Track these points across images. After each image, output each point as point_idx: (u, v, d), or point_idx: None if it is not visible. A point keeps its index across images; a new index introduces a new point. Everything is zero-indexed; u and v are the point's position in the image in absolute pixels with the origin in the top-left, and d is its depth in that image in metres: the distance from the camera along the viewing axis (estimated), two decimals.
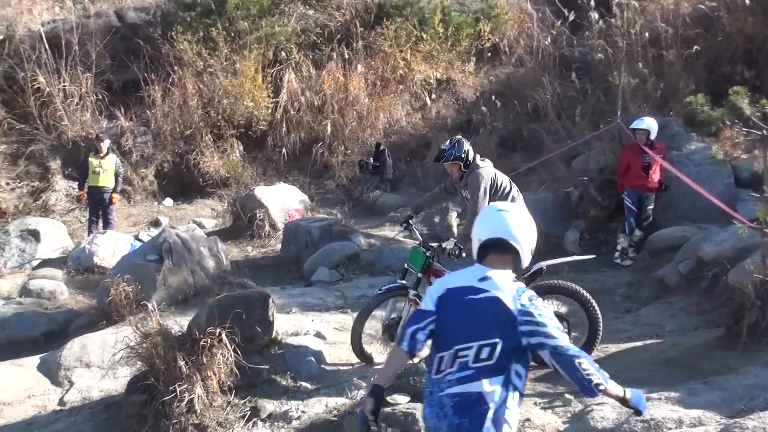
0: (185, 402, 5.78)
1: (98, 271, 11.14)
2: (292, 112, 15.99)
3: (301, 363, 6.72)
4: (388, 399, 5.55)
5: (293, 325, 7.57)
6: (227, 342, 5.97)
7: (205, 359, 5.91)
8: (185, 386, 5.79)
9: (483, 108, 15.39)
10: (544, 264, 6.37)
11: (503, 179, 6.75)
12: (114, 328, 7.87)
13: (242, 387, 6.17)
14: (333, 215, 13.43)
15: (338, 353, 7.14)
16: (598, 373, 3.24)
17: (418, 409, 5.39)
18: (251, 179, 15.41)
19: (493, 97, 15.55)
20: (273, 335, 6.75)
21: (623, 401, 3.37)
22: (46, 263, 11.93)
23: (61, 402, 6.87)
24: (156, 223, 13.99)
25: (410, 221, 7.13)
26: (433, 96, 16.91)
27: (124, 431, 6.02)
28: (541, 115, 14.81)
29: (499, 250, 3.46)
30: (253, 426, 5.95)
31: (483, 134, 15.20)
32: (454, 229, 11.73)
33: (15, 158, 15.22)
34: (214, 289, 9.63)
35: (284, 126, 15.93)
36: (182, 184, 15.79)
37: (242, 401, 6.12)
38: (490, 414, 3.19)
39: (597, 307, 6.40)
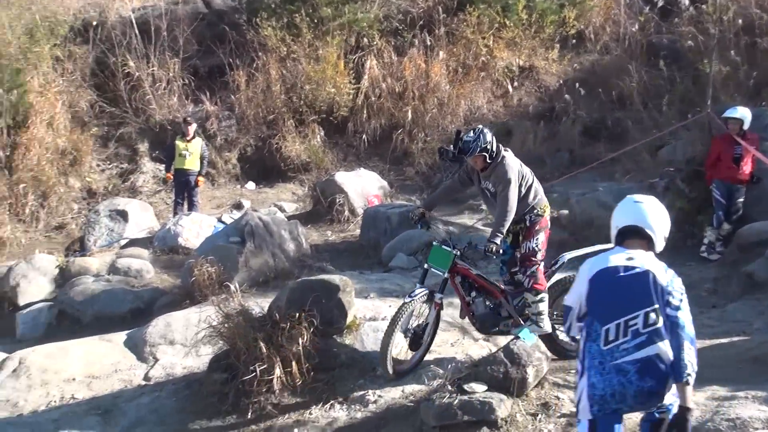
0: (265, 382, 5.90)
1: (182, 251, 11.39)
2: (373, 99, 16.03)
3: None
4: (465, 387, 5.54)
5: (371, 310, 7.58)
6: (306, 325, 6.06)
7: (284, 341, 6.01)
8: (265, 366, 5.90)
9: (566, 96, 15.13)
10: (566, 256, 6.42)
11: (527, 170, 6.53)
12: (197, 308, 8.01)
13: (320, 369, 6.22)
14: (412, 202, 13.43)
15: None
16: (695, 368, 3.49)
17: (494, 398, 5.36)
18: (332, 164, 15.52)
19: (577, 84, 15.22)
20: (351, 319, 6.81)
21: (685, 410, 3.51)
22: (133, 243, 12.26)
23: (146, 377, 7.04)
24: (238, 206, 14.25)
25: (425, 218, 6.62)
26: (515, 83, 16.66)
27: (205, 408, 6.17)
28: (626, 103, 14.48)
29: (635, 236, 3.89)
30: (330, 408, 6.01)
31: (566, 122, 14.96)
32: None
33: (105, 140, 15.80)
34: (294, 272, 9.72)
35: (365, 112, 15.98)
36: (264, 168, 16.03)
37: (320, 383, 6.19)
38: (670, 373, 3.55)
39: None
